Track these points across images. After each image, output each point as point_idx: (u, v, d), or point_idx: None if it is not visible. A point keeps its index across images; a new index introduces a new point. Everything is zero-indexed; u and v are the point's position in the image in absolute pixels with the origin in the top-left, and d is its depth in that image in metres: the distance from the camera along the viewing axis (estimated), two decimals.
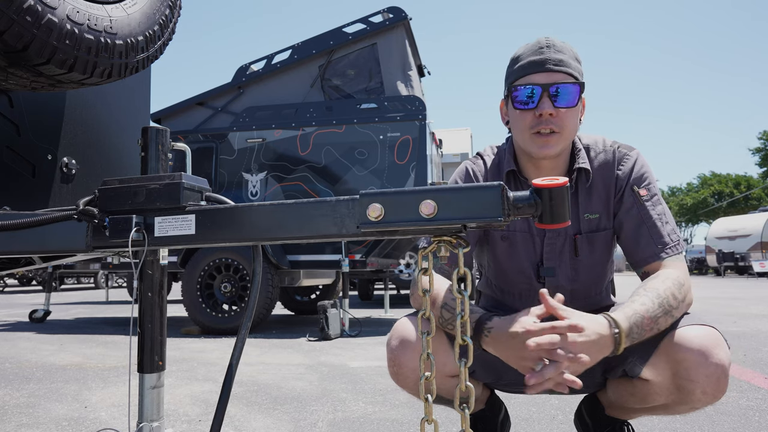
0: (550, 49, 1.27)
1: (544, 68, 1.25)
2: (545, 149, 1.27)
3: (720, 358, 1.10)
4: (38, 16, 1.11)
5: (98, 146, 1.75)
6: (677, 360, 1.13)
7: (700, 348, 1.11)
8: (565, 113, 1.26)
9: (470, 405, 0.80)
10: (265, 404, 2.42)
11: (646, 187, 1.33)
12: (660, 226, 1.28)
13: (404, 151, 4.88)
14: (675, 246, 1.27)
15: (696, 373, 1.11)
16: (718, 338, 1.14)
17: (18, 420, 2.19)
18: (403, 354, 1.26)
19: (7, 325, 6.06)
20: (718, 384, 1.11)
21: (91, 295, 13.15)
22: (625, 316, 1.11)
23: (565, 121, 1.26)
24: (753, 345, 3.93)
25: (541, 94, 1.25)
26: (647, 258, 1.27)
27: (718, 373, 1.10)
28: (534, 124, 1.27)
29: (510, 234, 1.40)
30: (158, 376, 1.16)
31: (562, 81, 1.25)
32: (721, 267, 23.59)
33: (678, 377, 1.14)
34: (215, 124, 5.33)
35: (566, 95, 1.25)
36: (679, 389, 1.14)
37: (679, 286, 1.19)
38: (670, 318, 1.16)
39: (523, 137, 1.30)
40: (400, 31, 5.21)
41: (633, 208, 1.31)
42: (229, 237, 0.95)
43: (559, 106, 1.25)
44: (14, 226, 1.05)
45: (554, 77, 1.25)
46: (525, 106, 1.27)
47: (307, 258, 5.04)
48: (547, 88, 1.24)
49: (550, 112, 1.24)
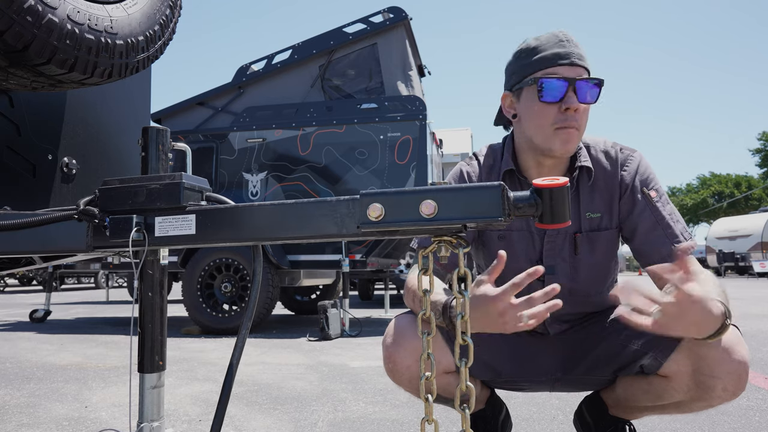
0: (570, 43, 1.23)
1: (570, 62, 1.21)
2: (568, 145, 1.24)
3: (742, 355, 1.11)
4: (39, 16, 1.11)
5: (99, 146, 1.75)
6: (700, 355, 1.13)
7: (723, 344, 1.11)
8: (584, 110, 1.24)
9: (470, 405, 0.80)
10: (265, 404, 2.42)
11: (655, 189, 1.32)
12: (673, 226, 1.28)
13: (404, 151, 4.88)
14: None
15: (719, 370, 1.11)
16: (738, 335, 1.14)
17: (18, 420, 2.19)
18: (396, 351, 1.27)
19: (7, 325, 6.06)
20: (739, 381, 1.11)
21: (92, 295, 13.15)
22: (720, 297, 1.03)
23: (584, 118, 1.25)
24: (753, 345, 3.93)
25: (567, 87, 1.21)
26: (665, 258, 1.26)
27: (740, 370, 1.10)
28: (557, 119, 1.22)
29: (507, 233, 1.39)
30: (158, 376, 1.16)
31: (587, 77, 1.22)
32: (721, 267, 23.58)
33: (699, 373, 1.13)
34: (215, 124, 5.33)
35: (591, 91, 1.22)
36: (699, 385, 1.14)
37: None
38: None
39: (544, 132, 1.25)
40: (401, 31, 5.21)
41: (646, 210, 1.30)
42: (230, 237, 0.95)
43: (583, 102, 1.22)
44: (14, 226, 1.05)
45: (579, 71, 1.22)
46: (552, 99, 1.22)
47: (308, 258, 5.04)
48: (574, 83, 1.21)
49: (576, 108, 1.21)
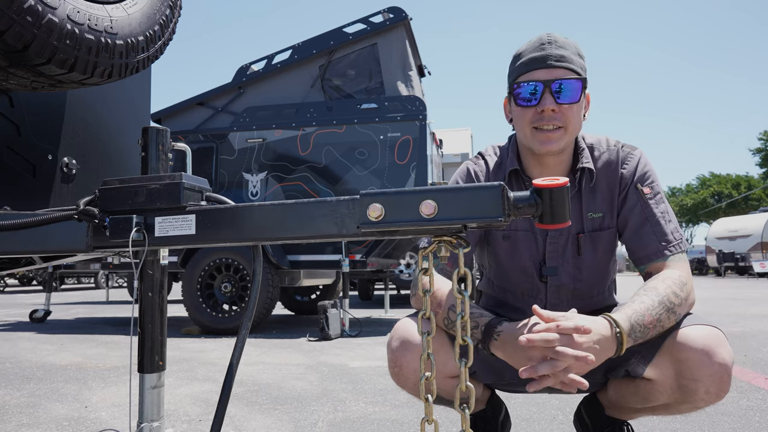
0: (551, 45, 1.27)
1: (546, 64, 1.25)
2: (547, 145, 1.28)
3: (723, 357, 1.11)
4: (39, 16, 1.11)
5: (99, 146, 1.75)
6: (680, 359, 1.13)
7: (703, 347, 1.11)
8: (568, 109, 1.26)
9: (471, 405, 0.80)
10: (265, 404, 2.42)
11: (650, 186, 1.33)
12: (663, 224, 1.29)
13: (404, 151, 4.88)
14: (678, 244, 1.27)
15: (699, 373, 1.11)
16: (720, 338, 1.14)
17: (18, 420, 2.19)
18: (403, 355, 1.26)
19: (7, 325, 6.06)
20: (722, 383, 1.11)
21: (92, 295, 13.15)
22: (625, 315, 1.11)
23: (569, 117, 1.27)
24: (753, 345, 3.92)
25: (543, 90, 1.25)
26: (650, 255, 1.28)
27: (721, 373, 1.10)
28: (535, 119, 1.27)
29: (512, 233, 1.40)
30: (158, 376, 1.16)
31: (564, 77, 1.25)
32: (721, 267, 23.59)
33: (681, 377, 1.14)
34: (215, 124, 5.33)
35: (569, 91, 1.25)
36: (682, 389, 1.15)
37: (681, 285, 1.20)
38: (672, 316, 1.16)
39: (525, 133, 1.30)
40: (401, 31, 5.21)
41: (637, 206, 1.32)
42: (230, 237, 0.95)
43: (562, 102, 1.25)
44: (15, 226, 1.05)
45: (555, 73, 1.25)
46: (527, 102, 1.27)
47: (308, 258, 5.03)
48: (549, 84, 1.24)
49: (552, 108, 1.25)
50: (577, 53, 1.29)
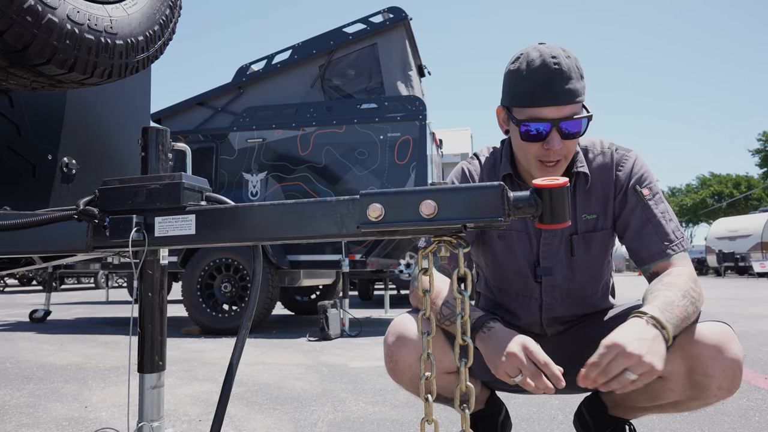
0: (559, 76, 1.20)
1: (556, 102, 1.20)
2: (548, 174, 1.27)
3: (735, 352, 1.11)
4: (38, 16, 1.11)
5: (99, 146, 1.75)
6: (693, 355, 1.13)
7: (715, 343, 1.12)
8: (572, 142, 1.26)
9: (470, 405, 0.80)
10: (265, 404, 2.42)
11: (648, 187, 1.33)
12: (664, 224, 1.29)
13: (404, 151, 4.88)
14: (680, 243, 1.28)
15: (712, 368, 1.11)
16: (731, 333, 1.14)
17: (18, 420, 2.19)
18: (399, 350, 1.27)
19: (7, 325, 6.06)
20: (734, 378, 1.11)
21: (91, 295, 13.15)
22: (654, 306, 1.09)
23: (570, 149, 1.27)
24: (753, 345, 3.93)
25: (551, 129, 1.22)
26: (654, 255, 1.28)
27: (733, 368, 1.11)
28: (541, 154, 1.26)
29: (507, 233, 1.41)
30: (158, 376, 1.16)
31: (573, 116, 1.22)
32: (721, 267, 23.59)
33: (694, 373, 1.14)
34: (215, 124, 5.33)
35: (575, 127, 1.24)
36: (694, 385, 1.15)
37: (694, 280, 1.20)
38: (695, 309, 1.15)
39: (528, 162, 1.30)
40: (401, 31, 5.21)
41: (637, 208, 1.32)
42: (230, 237, 0.95)
43: (567, 138, 1.24)
44: (14, 226, 1.05)
45: (564, 111, 1.21)
46: (534, 140, 1.25)
47: (307, 258, 5.03)
48: (557, 123, 1.21)
49: (560, 146, 1.23)
50: (580, 75, 1.23)
